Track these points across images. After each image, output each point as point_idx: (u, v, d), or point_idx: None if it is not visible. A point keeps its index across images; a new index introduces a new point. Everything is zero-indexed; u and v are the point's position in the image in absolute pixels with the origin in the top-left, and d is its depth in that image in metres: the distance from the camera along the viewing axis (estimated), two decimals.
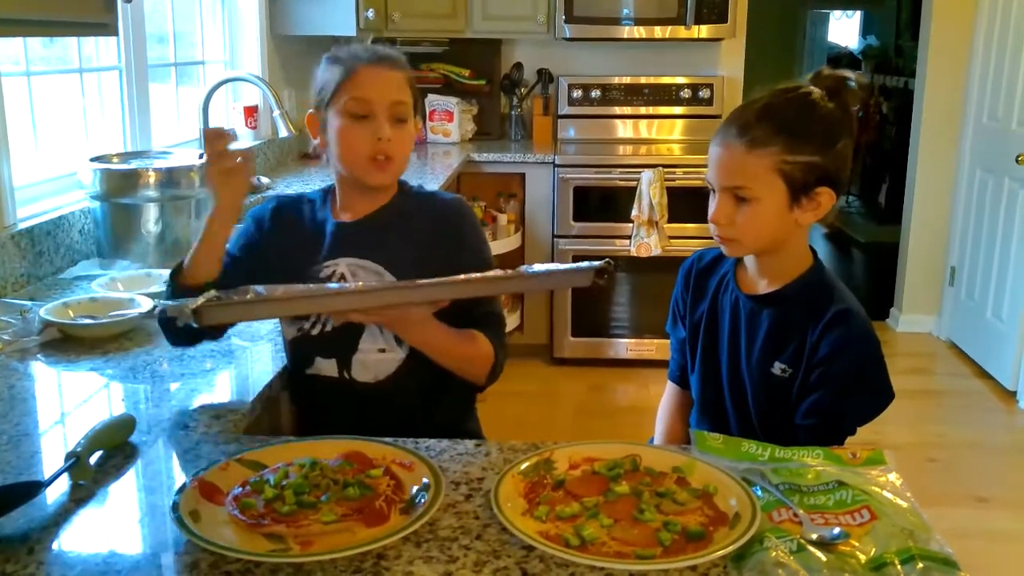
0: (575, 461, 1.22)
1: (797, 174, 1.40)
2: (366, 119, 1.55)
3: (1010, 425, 3.82)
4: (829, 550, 1.02)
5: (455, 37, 4.44)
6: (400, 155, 1.58)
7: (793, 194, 1.41)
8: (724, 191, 1.44)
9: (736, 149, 1.42)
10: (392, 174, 1.60)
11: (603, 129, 4.69)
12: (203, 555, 1.00)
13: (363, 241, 1.61)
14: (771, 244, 1.47)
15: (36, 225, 2.08)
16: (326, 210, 1.66)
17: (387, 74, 1.57)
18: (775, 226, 1.44)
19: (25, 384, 1.52)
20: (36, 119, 2.35)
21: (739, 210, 1.43)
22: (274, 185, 3.26)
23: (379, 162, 1.56)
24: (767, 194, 1.41)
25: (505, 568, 0.99)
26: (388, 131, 1.55)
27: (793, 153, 1.40)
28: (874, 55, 8.71)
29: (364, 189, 1.62)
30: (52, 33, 2.06)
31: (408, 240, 1.61)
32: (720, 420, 1.58)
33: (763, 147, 1.40)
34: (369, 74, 1.56)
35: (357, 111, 1.55)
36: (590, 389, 4.16)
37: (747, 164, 1.41)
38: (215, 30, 3.54)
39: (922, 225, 4.75)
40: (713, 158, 1.46)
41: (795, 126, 1.41)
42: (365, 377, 1.62)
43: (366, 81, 1.55)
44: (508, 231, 4.14)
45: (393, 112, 1.56)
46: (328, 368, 1.62)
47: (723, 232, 1.46)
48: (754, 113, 1.43)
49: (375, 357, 1.61)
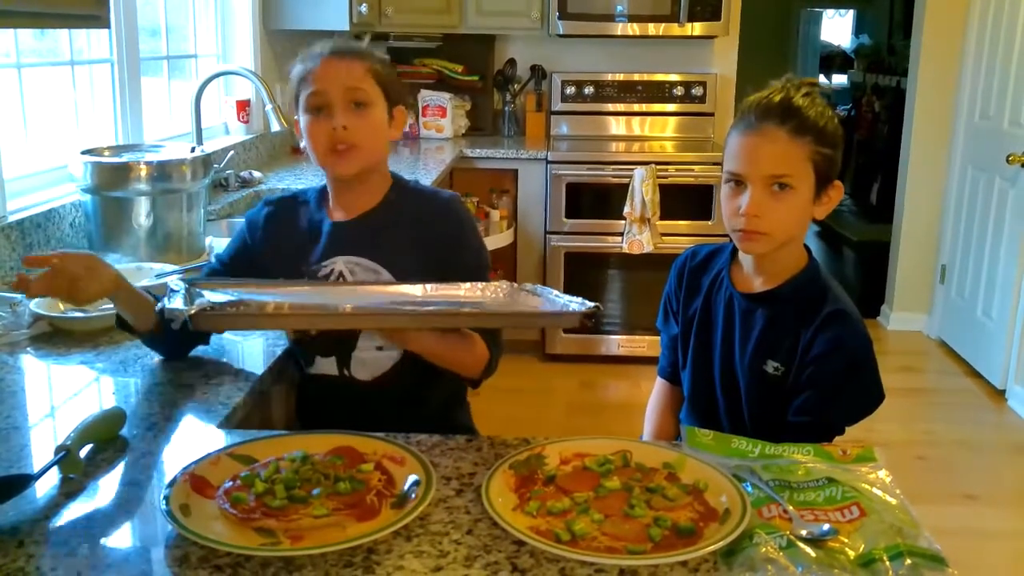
0: (566, 456, 1.22)
1: (823, 166, 1.41)
2: (324, 111, 1.56)
3: (999, 423, 3.83)
4: (818, 546, 1.02)
5: (449, 33, 4.43)
6: (365, 142, 1.56)
7: (818, 186, 1.42)
8: (761, 181, 1.40)
9: (780, 137, 1.40)
10: (357, 162, 1.57)
11: (596, 126, 4.69)
12: (193, 549, 1.00)
13: (360, 239, 1.61)
14: (790, 239, 1.46)
15: (27, 218, 2.07)
16: (322, 211, 1.66)
17: (340, 64, 1.57)
18: (801, 219, 1.44)
19: (15, 377, 1.51)
20: (27, 112, 2.33)
21: (774, 201, 1.41)
22: (266, 179, 3.25)
23: (340, 151, 1.55)
24: (801, 184, 1.41)
25: (496, 563, 1.00)
26: (343, 119, 1.54)
27: (821, 144, 1.41)
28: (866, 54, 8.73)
29: (350, 184, 1.62)
30: (43, 25, 2.05)
31: (404, 238, 1.61)
32: (711, 417, 1.58)
33: (801, 136, 1.40)
34: (323, 67, 1.56)
35: (315, 104, 1.56)
36: (582, 385, 4.16)
37: (791, 152, 1.40)
38: (208, 24, 3.53)
39: (913, 223, 4.77)
40: (748, 148, 1.42)
41: (820, 119, 1.42)
42: (363, 375, 1.62)
43: (321, 74, 1.56)
44: (500, 227, 4.14)
45: (349, 98, 1.55)
46: (328, 366, 1.63)
47: (754, 225, 1.41)
48: (784, 104, 1.42)
49: (373, 355, 1.61)
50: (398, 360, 1.61)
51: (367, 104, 1.57)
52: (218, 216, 2.77)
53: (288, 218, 1.67)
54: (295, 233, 1.65)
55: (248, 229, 1.68)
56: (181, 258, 2.13)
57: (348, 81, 1.56)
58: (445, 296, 1.45)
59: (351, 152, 1.56)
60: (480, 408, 1.86)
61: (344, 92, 1.55)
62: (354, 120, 1.55)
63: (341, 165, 1.58)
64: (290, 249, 1.64)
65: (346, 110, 1.55)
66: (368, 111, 1.57)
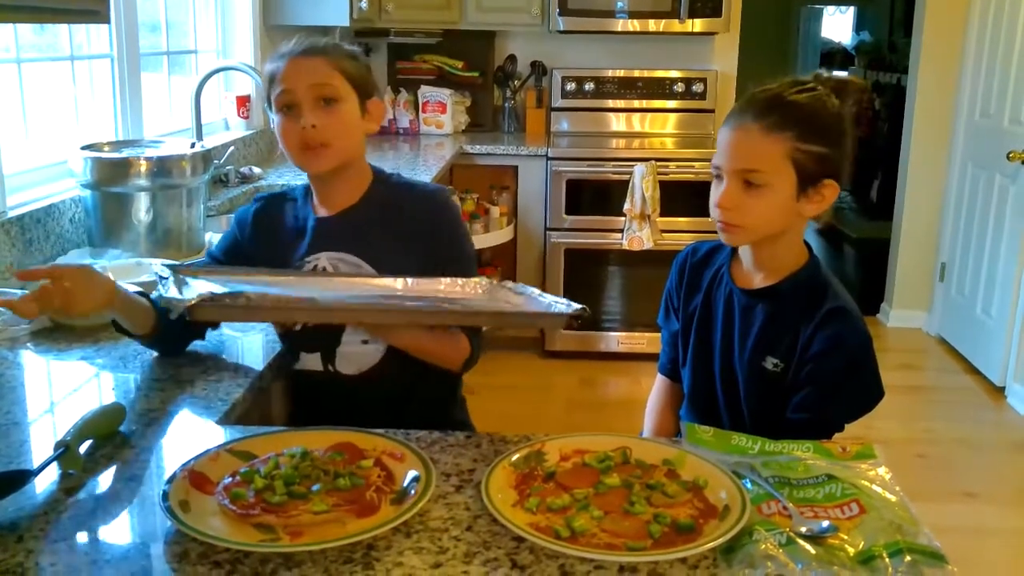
0: (566, 453, 1.22)
1: (808, 164, 1.41)
2: (293, 110, 1.56)
3: (999, 421, 3.83)
4: (818, 543, 1.02)
5: (449, 29, 4.42)
6: (335, 139, 1.56)
7: (801, 184, 1.42)
8: (734, 175, 1.43)
9: (752, 132, 1.41)
10: (329, 159, 1.58)
11: (596, 122, 4.68)
12: (193, 545, 1.00)
13: (343, 235, 1.62)
14: (772, 234, 1.46)
15: (27, 213, 2.07)
16: (307, 207, 1.67)
17: (306, 62, 1.57)
18: (779, 215, 1.44)
19: (15, 373, 1.51)
20: (27, 107, 2.33)
21: (747, 195, 1.42)
22: (266, 175, 3.25)
23: (311, 149, 1.56)
24: (777, 181, 1.41)
25: (495, 559, 1.00)
26: (311, 117, 1.54)
27: (806, 142, 1.40)
28: (867, 51, 8.72)
29: (327, 181, 1.63)
30: (43, 20, 2.05)
31: (387, 232, 1.62)
32: (711, 413, 1.58)
33: (779, 132, 1.40)
34: (290, 66, 1.57)
35: (284, 103, 1.56)
36: (581, 382, 4.16)
37: (762, 147, 1.40)
38: (208, 19, 3.52)
39: (913, 221, 4.77)
40: (725, 142, 1.45)
41: (809, 116, 1.41)
42: (349, 370, 1.63)
43: (288, 73, 1.56)
44: (500, 223, 4.14)
45: (316, 94, 1.55)
46: (313, 362, 1.64)
47: (728, 217, 1.45)
48: (769, 100, 1.43)
49: (358, 349, 1.62)
50: (384, 354, 1.62)
51: (336, 100, 1.57)
52: (218, 212, 2.77)
53: (276, 215, 1.69)
54: (282, 229, 1.67)
55: (238, 226, 1.70)
56: (181, 254, 2.13)
57: (313, 78, 1.55)
58: (425, 291, 1.49)
59: (322, 150, 1.56)
60: (480, 405, 1.86)
61: (310, 88, 1.55)
62: (323, 118, 1.55)
63: (314, 163, 1.58)
64: (278, 245, 1.65)
65: (314, 108, 1.55)
66: (337, 107, 1.57)
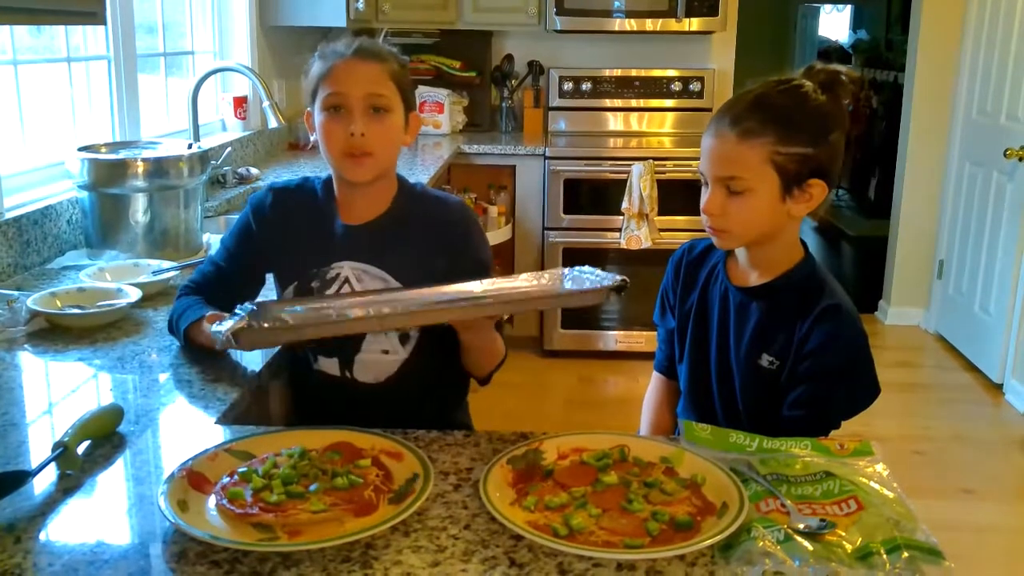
0: (564, 451, 1.22)
1: (790, 165, 1.40)
2: (341, 113, 1.53)
3: (996, 418, 3.84)
4: (816, 540, 1.02)
5: (446, 29, 4.43)
6: (380, 149, 1.54)
7: (785, 185, 1.41)
8: (716, 182, 1.43)
9: (729, 139, 1.41)
10: (370, 169, 1.55)
11: (594, 121, 4.69)
12: (191, 544, 1.00)
13: (369, 247, 1.59)
14: (762, 236, 1.47)
15: (24, 215, 2.07)
16: (331, 207, 1.63)
17: (362, 66, 1.54)
18: (767, 217, 1.44)
19: (12, 374, 1.51)
20: (23, 108, 2.33)
21: (731, 201, 1.42)
22: (263, 176, 3.25)
23: (355, 157, 1.53)
24: (759, 185, 1.41)
25: (493, 557, 1.00)
26: (361, 125, 1.51)
27: (786, 144, 1.39)
28: (864, 49, 8.71)
29: (359, 188, 1.59)
30: (40, 21, 2.05)
31: (412, 246, 1.60)
32: (707, 411, 1.58)
33: (756, 137, 1.39)
34: (344, 67, 1.53)
35: (332, 104, 1.53)
36: (579, 381, 4.17)
37: (740, 154, 1.40)
38: (204, 20, 3.52)
39: (911, 219, 4.77)
40: (706, 149, 1.45)
41: (788, 117, 1.40)
42: (366, 377, 1.62)
43: (341, 75, 1.53)
44: (499, 223, 4.14)
45: (368, 103, 1.52)
46: (330, 366, 1.63)
47: (715, 223, 1.45)
48: (747, 104, 1.42)
49: (378, 358, 1.60)
50: (403, 364, 1.61)
51: (386, 110, 1.54)
52: (215, 212, 2.76)
53: (295, 203, 1.64)
54: (303, 226, 1.63)
55: (254, 216, 1.65)
56: (178, 254, 2.13)
57: (369, 86, 1.52)
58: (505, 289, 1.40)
59: (366, 159, 1.54)
60: (478, 403, 1.86)
61: (364, 97, 1.52)
62: (372, 127, 1.52)
63: (355, 171, 1.55)
64: (298, 243, 1.62)
65: (364, 115, 1.52)
66: (386, 117, 1.54)
